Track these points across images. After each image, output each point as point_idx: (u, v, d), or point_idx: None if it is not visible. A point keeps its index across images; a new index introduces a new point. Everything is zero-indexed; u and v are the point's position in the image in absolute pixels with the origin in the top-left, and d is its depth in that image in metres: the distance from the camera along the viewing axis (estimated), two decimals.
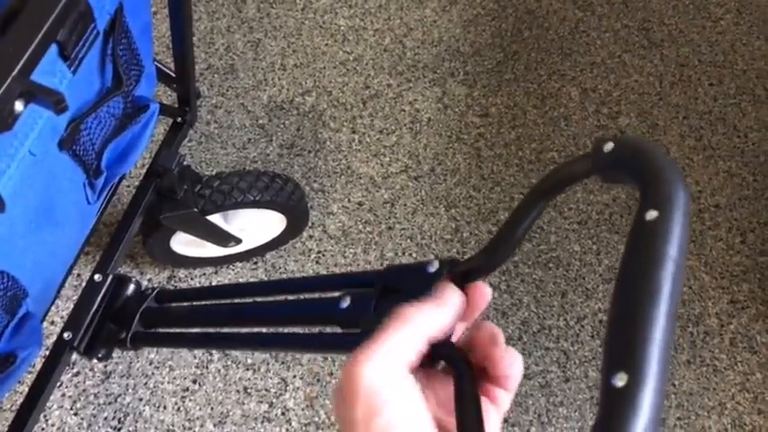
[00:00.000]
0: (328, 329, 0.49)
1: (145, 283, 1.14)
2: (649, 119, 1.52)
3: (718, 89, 1.60)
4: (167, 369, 1.09)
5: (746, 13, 1.73)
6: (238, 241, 1.06)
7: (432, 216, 1.32)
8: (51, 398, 1.04)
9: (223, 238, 1.03)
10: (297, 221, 1.10)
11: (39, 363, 0.97)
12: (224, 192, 0.94)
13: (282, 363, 1.13)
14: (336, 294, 0.49)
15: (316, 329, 0.52)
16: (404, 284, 0.44)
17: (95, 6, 0.57)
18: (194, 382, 1.09)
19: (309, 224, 1.24)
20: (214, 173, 1.00)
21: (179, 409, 1.06)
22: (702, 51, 1.65)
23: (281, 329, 0.57)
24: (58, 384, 1.05)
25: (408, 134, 1.39)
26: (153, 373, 1.08)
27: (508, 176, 1.39)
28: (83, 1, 0.54)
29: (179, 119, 0.96)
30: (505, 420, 1.17)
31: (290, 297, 0.57)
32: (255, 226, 1.09)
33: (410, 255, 1.28)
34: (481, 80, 1.49)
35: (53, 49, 0.52)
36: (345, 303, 0.47)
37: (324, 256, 1.23)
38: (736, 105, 1.58)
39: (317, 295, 0.53)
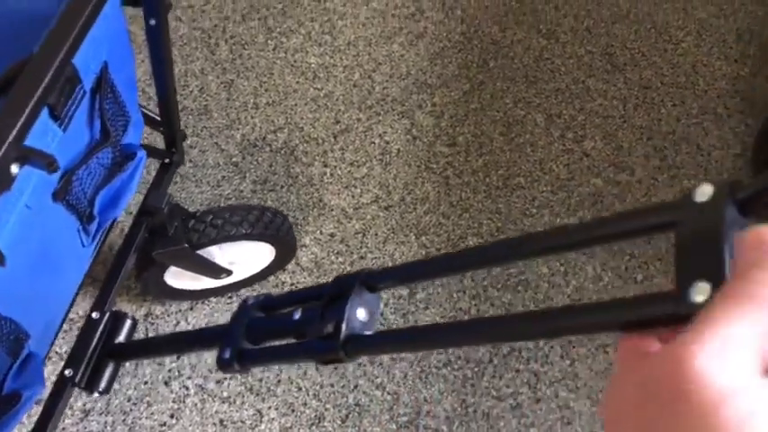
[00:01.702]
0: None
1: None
2: (614, 141, 1.56)
3: (681, 109, 1.64)
4: (145, 405, 1.12)
5: (706, 35, 1.79)
6: (229, 273, 1.11)
7: (402, 244, 1.36)
8: None
9: (214, 270, 1.07)
10: (285, 252, 1.15)
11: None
12: (216, 226, 0.99)
13: (257, 394, 1.16)
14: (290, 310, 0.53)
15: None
16: (350, 290, 0.47)
17: (81, 68, 0.62)
18: (171, 416, 1.12)
19: None
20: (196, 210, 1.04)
21: None
22: (665, 73, 1.70)
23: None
24: None
25: (378, 165, 1.44)
26: (131, 410, 1.11)
27: (476, 203, 1.43)
28: (69, 66, 0.59)
29: (166, 160, 1.01)
30: None
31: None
32: (246, 258, 1.13)
33: None
34: (448, 110, 1.54)
35: (44, 112, 0.57)
36: (296, 316, 0.51)
37: (297, 287, 1.27)
38: (699, 125, 1.63)
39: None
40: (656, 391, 0.24)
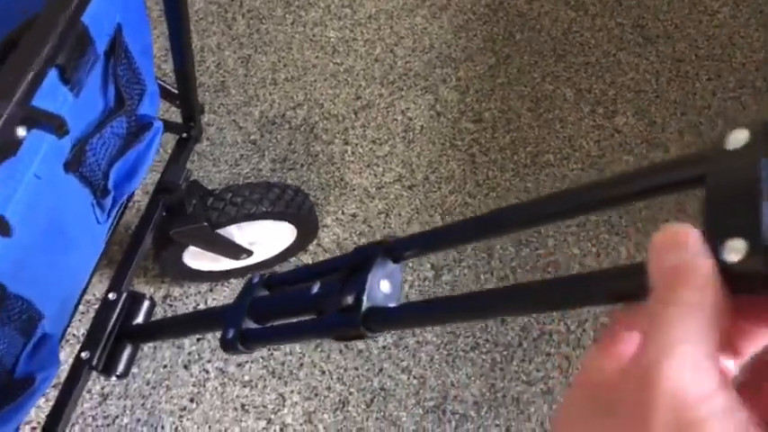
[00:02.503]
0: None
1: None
2: (647, 117, 1.50)
3: (717, 83, 1.57)
4: (164, 389, 1.09)
5: (744, 5, 1.71)
6: (249, 253, 1.07)
7: (427, 225, 1.31)
8: None
9: (234, 250, 1.03)
10: (307, 232, 1.11)
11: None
12: (236, 204, 0.95)
13: (279, 378, 1.13)
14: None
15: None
16: (372, 261, 0.44)
17: (93, 28, 0.58)
18: (191, 400, 1.09)
19: None
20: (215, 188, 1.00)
21: (177, 428, 1.06)
22: (699, 46, 1.63)
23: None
24: None
25: (401, 143, 1.39)
26: (150, 394, 1.08)
27: (503, 182, 1.38)
28: (79, 24, 0.55)
29: (184, 134, 0.97)
30: (506, 428, 1.16)
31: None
32: (266, 238, 1.09)
33: (408, 265, 1.27)
34: (474, 85, 1.48)
35: (53, 73, 0.53)
36: (315, 289, 0.48)
37: None
38: (736, 99, 1.55)
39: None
40: (617, 404, 0.24)
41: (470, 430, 1.15)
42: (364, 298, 0.42)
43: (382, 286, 0.43)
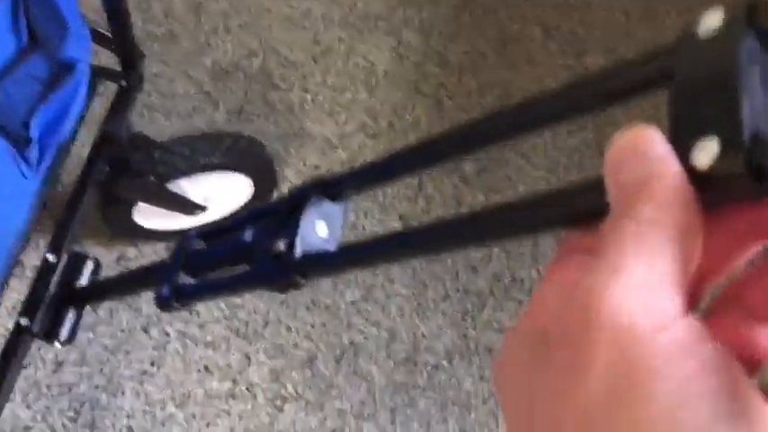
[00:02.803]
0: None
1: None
2: (616, 55, 1.45)
3: (688, 18, 1.52)
4: (123, 353, 1.04)
5: None
6: (203, 209, 1.01)
7: None
8: None
9: (187, 206, 0.98)
10: (264, 184, 1.05)
11: None
12: (185, 156, 0.89)
13: (244, 338, 1.09)
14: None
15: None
16: (305, 201, 0.39)
17: None
18: (152, 364, 1.05)
19: None
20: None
21: (138, 393, 1.02)
22: None
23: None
24: None
25: (364, 90, 1.33)
26: (108, 359, 1.04)
27: None
28: None
29: (123, 82, 0.90)
30: (480, 377, 1.14)
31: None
32: (222, 193, 1.03)
33: (372, 216, 1.22)
34: (437, 27, 1.42)
35: None
36: (247, 236, 0.43)
37: None
38: None
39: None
40: (556, 341, 0.19)
41: (443, 380, 1.12)
42: (297, 242, 0.37)
43: (318, 229, 0.39)
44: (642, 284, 0.18)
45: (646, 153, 0.20)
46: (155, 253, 1.11)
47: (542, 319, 0.20)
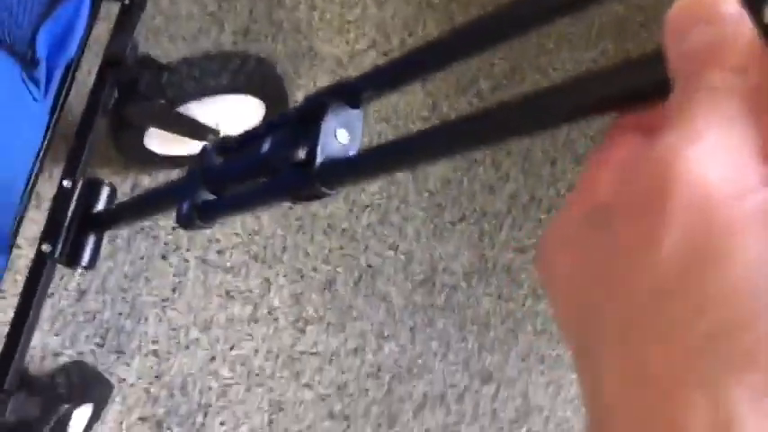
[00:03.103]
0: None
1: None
2: None
3: None
4: (143, 280, 1.05)
5: None
6: (216, 133, 0.99)
7: (406, 94, 1.22)
8: None
9: (199, 130, 0.96)
10: (275, 106, 1.02)
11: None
12: (194, 77, 0.86)
13: (263, 262, 1.09)
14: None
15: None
16: (325, 108, 0.38)
17: None
18: (173, 290, 1.05)
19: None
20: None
21: (161, 319, 1.04)
22: None
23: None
24: None
25: (373, 4, 1.27)
26: (129, 287, 1.05)
27: None
28: None
29: (126, 0, 0.86)
30: (498, 296, 1.14)
31: None
32: (232, 115, 1.01)
33: (386, 138, 1.20)
34: None
35: None
36: (265, 147, 0.42)
37: None
38: None
39: None
40: (619, 209, 0.18)
41: (461, 301, 1.13)
42: (318, 150, 0.35)
43: (339, 136, 0.37)
44: (721, 151, 0.16)
45: (714, 14, 0.17)
46: (169, 181, 1.10)
47: (600, 196, 0.19)
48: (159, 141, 0.99)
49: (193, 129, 0.93)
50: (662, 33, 0.19)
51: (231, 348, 1.04)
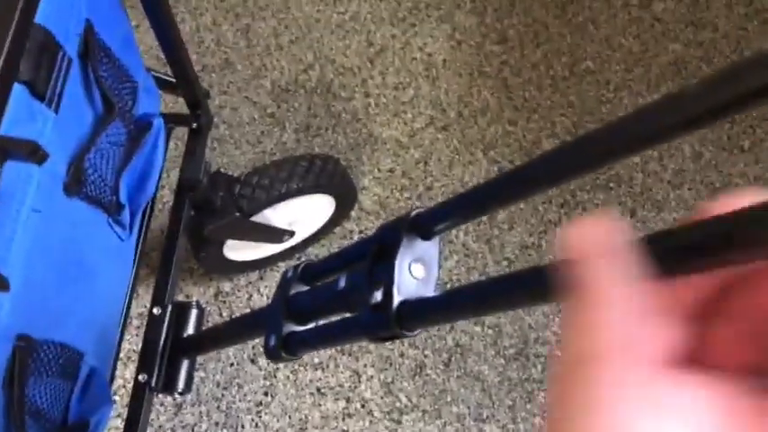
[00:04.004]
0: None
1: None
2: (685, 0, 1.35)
3: None
4: (236, 387, 1.06)
5: None
6: (291, 234, 1.01)
7: (470, 164, 1.22)
8: None
9: (275, 234, 0.98)
10: (345, 198, 1.04)
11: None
12: (265, 186, 0.89)
13: (350, 355, 1.08)
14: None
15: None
16: (397, 242, 0.36)
17: (56, 30, 0.51)
18: (266, 394, 1.05)
19: None
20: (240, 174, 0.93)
21: (257, 425, 1.03)
22: None
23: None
24: None
25: (425, 83, 1.29)
26: (223, 395, 1.05)
27: (543, 100, 1.27)
28: (36, 28, 0.48)
29: (194, 125, 0.90)
30: None
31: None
32: (305, 214, 1.03)
33: None
34: (491, 3, 1.36)
35: (21, 90, 0.47)
36: (342, 284, 0.41)
37: (366, 234, 1.16)
38: None
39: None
40: None
41: None
42: (394, 291, 0.34)
43: (414, 271, 0.35)
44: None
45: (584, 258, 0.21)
46: (249, 284, 1.12)
47: None
48: (237, 249, 1.01)
49: (270, 234, 0.95)
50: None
51: None
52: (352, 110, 1.26)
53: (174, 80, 0.84)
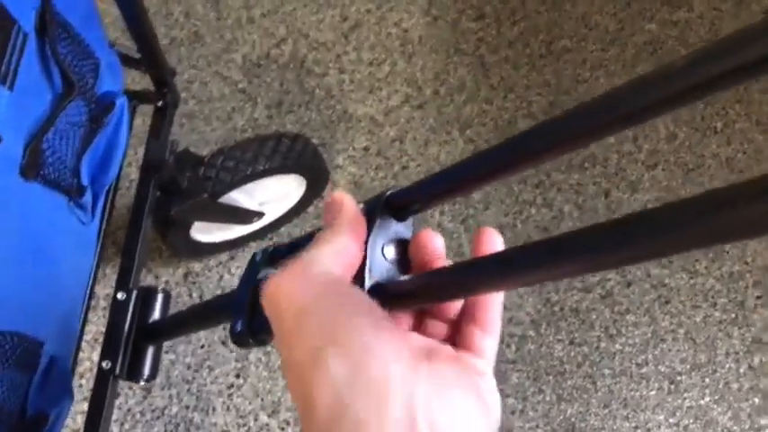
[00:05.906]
0: None
1: (161, 287, 1.07)
2: None
3: None
4: (207, 370, 1.04)
5: None
6: (261, 215, 0.99)
7: (446, 143, 1.20)
8: None
9: (244, 216, 0.95)
10: (316, 178, 1.01)
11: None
12: (230, 168, 0.86)
13: None
14: None
15: None
16: (369, 222, 0.36)
17: (11, 4, 0.48)
18: (237, 376, 1.04)
19: None
20: (208, 153, 0.90)
21: (228, 407, 1.02)
22: None
23: None
24: None
25: (401, 59, 1.26)
26: (194, 378, 1.03)
27: (520, 79, 1.25)
28: None
29: (160, 103, 0.86)
30: (570, 341, 1.09)
31: None
32: (275, 194, 1.00)
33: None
34: None
35: None
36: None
37: None
38: None
39: None
40: None
41: (532, 351, 1.08)
42: (366, 274, 0.33)
43: (387, 253, 0.34)
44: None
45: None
46: (220, 264, 1.10)
47: None
48: (205, 231, 0.98)
49: (239, 215, 0.93)
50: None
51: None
52: (325, 86, 1.23)
53: (138, 56, 0.81)
